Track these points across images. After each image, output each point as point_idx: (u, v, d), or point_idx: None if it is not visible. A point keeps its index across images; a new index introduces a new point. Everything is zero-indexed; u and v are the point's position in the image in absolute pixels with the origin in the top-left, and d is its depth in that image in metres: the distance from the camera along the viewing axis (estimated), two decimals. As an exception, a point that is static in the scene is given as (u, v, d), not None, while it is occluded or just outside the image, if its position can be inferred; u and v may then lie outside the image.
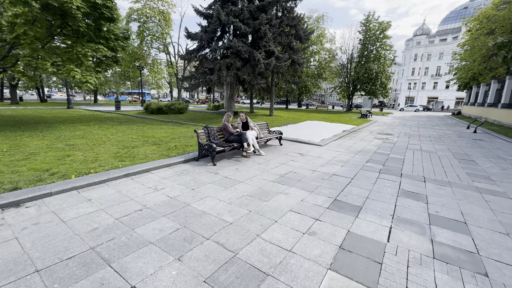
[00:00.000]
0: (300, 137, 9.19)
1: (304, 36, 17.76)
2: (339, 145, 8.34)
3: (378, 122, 18.27)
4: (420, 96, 59.52)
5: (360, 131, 12.68)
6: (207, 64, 13.39)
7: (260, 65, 12.68)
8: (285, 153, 6.84)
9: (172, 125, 11.88)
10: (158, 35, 29.05)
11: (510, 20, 14.44)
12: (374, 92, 29.86)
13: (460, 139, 10.56)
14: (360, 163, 5.99)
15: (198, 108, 29.97)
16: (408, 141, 9.63)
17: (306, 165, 5.68)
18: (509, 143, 9.71)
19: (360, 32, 29.91)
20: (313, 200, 3.72)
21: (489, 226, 3.10)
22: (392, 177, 4.95)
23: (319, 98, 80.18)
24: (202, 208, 3.36)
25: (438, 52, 57.17)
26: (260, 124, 7.89)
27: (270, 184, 4.36)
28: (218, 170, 5.12)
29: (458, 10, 59.67)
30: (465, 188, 4.48)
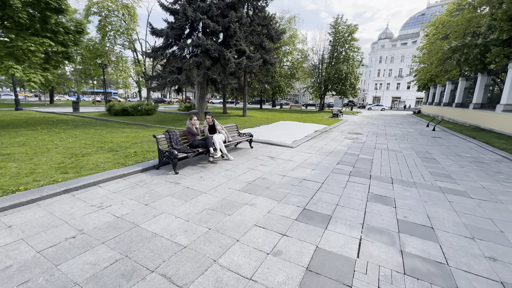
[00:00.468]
0: (272, 139, 8.96)
1: (276, 36, 17.68)
2: (311, 146, 8.25)
3: (349, 122, 18.86)
4: (385, 96, 63.48)
5: (332, 130, 12.87)
6: (175, 63, 12.63)
7: (231, 65, 12.25)
8: (255, 157, 6.53)
9: (137, 128, 10.97)
10: (122, 30, 27.12)
11: (462, 26, 15.75)
12: (344, 92, 30.98)
13: (422, 137, 11.16)
14: (330, 166, 5.88)
15: (169, 109, 28.62)
16: (376, 140, 9.90)
17: (276, 170, 5.42)
18: (464, 140, 10.46)
19: (330, 34, 30.85)
20: (280, 211, 3.44)
21: (455, 230, 3.06)
22: (362, 180, 4.88)
23: (293, 98, 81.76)
24: (153, 228, 2.89)
25: (400, 55, 61.40)
26: (229, 126, 7.49)
27: (236, 194, 4.00)
28: (180, 179, 4.64)
29: (416, 16, 64.63)
30: (429, 188, 4.54)
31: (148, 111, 17.83)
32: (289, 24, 34.99)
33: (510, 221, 3.36)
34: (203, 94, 14.78)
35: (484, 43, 13.25)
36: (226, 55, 12.08)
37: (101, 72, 28.34)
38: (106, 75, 31.30)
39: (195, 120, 5.86)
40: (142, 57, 28.40)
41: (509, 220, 3.37)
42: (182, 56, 13.00)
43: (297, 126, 13.58)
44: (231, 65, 12.26)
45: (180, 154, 5.08)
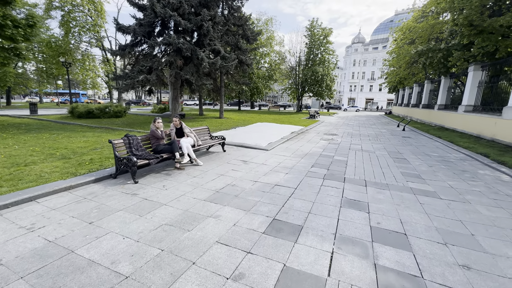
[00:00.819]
0: (246, 142, 8.64)
1: (252, 37, 17.47)
2: (286, 149, 8.05)
3: (325, 123, 19.14)
4: (359, 97, 66.23)
5: (308, 132, 12.87)
6: (144, 62, 11.86)
7: (205, 65, 11.76)
8: (227, 161, 6.16)
9: (100, 132, 10.07)
10: (88, 27, 25.32)
11: (427, 31, 16.70)
12: (321, 93, 31.65)
13: (393, 137, 11.51)
14: (305, 169, 5.69)
15: (142, 111, 27.24)
16: (350, 141, 9.99)
17: (248, 175, 5.09)
18: (431, 140, 10.93)
19: (306, 36, 31.38)
20: (248, 223, 3.11)
21: (427, 236, 2.94)
22: (336, 183, 4.72)
23: (272, 99, 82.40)
24: (91, 254, 2.41)
25: (372, 58, 64.44)
26: (199, 129, 7.04)
27: (200, 205, 3.60)
28: (139, 189, 4.13)
29: (385, 22, 68.33)
30: (401, 190, 4.48)
31: (117, 113, 16.67)
32: (266, 26, 35.12)
33: (479, 222, 3.34)
34: (177, 95, 14.09)
35: (446, 47, 14.09)
36: (199, 54, 11.57)
37: (65, 72, 26.20)
38: (72, 74, 29.03)
39: (159, 122, 5.35)
40: (112, 56, 26.73)
41: (478, 222, 3.35)
42: (153, 55, 12.25)
43: (274, 127, 13.41)
44: (205, 65, 11.77)
45: (141, 160, 4.56)
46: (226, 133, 10.65)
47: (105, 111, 16.09)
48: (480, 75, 12.01)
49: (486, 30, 9.68)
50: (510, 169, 5.99)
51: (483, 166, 6.48)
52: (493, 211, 3.69)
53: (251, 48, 19.36)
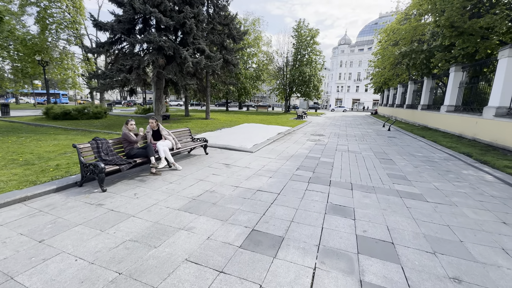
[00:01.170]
0: (231, 143, 8.33)
1: (238, 36, 17.17)
2: (272, 150, 7.81)
3: (312, 123, 19.12)
4: (346, 98, 67.38)
5: (295, 132, 12.71)
6: (124, 61, 11.28)
7: (188, 64, 11.34)
8: (209, 165, 5.83)
9: (75, 135, 9.45)
10: (66, 24, 24.13)
11: (410, 33, 17.04)
12: (309, 94, 31.79)
13: (379, 138, 11.55)
14: (290, 172, 5.45)
15: (126, 112, 26.31)
16: (337, 142, 9.89)
17: (229, 180, 4.79)
18: (415, 140, 11.04)
19: (293, 37, 31.44)
20: (224, 235, 2.81)
21: (415, 244, 2.76)
22: (321, 187, 4.50)
23: (260, 100, 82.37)
24: (33, 282, 2.03)
25: (358, 60, 65.75)
26: (179, 131, 6.67)
27: (173, 215, 3.27)
28: (106, 199, 3.74)
29: (370, 25, 69.99)
30: (387, 193, 4.33)
31: (97, 114, 15.87)
32: (253, 26, 34.91)
33: (467, 227, 3.20)
34: (160, 95, 13.56)
35: (428, 49, 14.38)
36: (182, 53, 11.14)
37: (41, 71, 24.82)
38: (49, 74, 27.59)
39: (132, 125, 4.95)
40: (90, 55, 25.54)
41: (466, 226, 3.22)
42: (133, 53, 11.69)
43: (260, 128, 13.17)
44: (188, 65, 11.35)
45: (110, 166, 4.16)
46: (211, 135, 10.29)
47: (83, 112, 15.28)
48: (461, 76, 12.30)
49: (466, 31, 9.89)
50: (492, 169, 6.03)
51: (467, 166, 6.50)
52: (480, 214, 3.59)
53: (238, 48, 19.07)
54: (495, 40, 9.72)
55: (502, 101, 8.68)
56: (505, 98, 8.62)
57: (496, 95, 8.89)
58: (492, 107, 8.97)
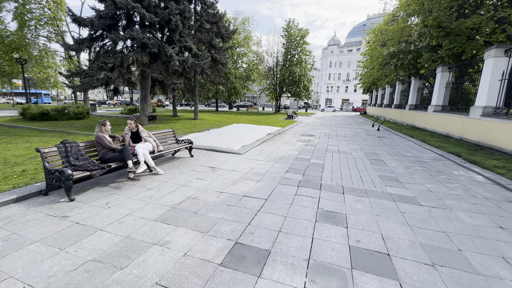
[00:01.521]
0: (218, 145, 7.99)
1: (227, 35, 16.81)
2: (261, 152, 7.53)
3: (303, 123, 19.01)
4: (336, 98, 68.14)
5: (285, 133, 12.50)
6: (106, 59, 10.71)
7: (174, 62, 10.89)
8: (193, 168, 5.48)
9: (51, 137, 8.84)
10: (46, 20, 23.01)
11: (397, 33, 17.22)
12: (299, 94, 31.77)
13: (369, 138, 11.50)
14: (278, 175, 5.19)
15: (111, 112, 25.39)
16: (327, 142, 9.74)
17: (214, 185, 4.47)
18: (404, 139, 11.06)
19: (283, 36, 31.34)
20: (203, 251, 2.50)
21: (412, 255, 2.54)
22: (311, 192, 4.26)
23: (251, 100, 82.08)
24: (-39, 321, 1.66)
25: (347, 60, 66.63)
26: (162, 133, 6.27)
27: (148, 227, 2.93)
28: (73, 209, 3.34)
29: (358, 26, 71.10)
30: (380, 196, 4.13)
31: (78, 114, 15.11)
32: (243, 26, 34.58)
33: (464, 233, 3.03)
34: (145, 95, 13.02)
35: (416, 49, 14.53)
36: (168, 51, 10.68)
37: (19, 69, 23.55)
38: (28, 72, 26.24)
39: (106, 126, 4.54)
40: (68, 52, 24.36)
41: (463, 233, 3.04)
42: (116, 50, 11.13)
43: (250, 129, 12.87)
44: (174, 63, 10.91)
45: (79, 173, 3.75)
46: (198, 136, 9.91)
47: (63, 112, 14.51)
48: (448, 76, 12.46)
49: (453, 32, 9.97)
50: (482, 169, 5.98)
51: (457, 166, 6.45)
52: (476, 218, 3.43)
53: (227, 47, 18.69)
54: (480, 40, 9.85)
55: (488, 101, 8.76)
56: (491, 98, 8.71)
57: (482, 95, 8.98)
58: (479, 106, 9.05)
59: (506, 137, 7.61)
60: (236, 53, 33.46)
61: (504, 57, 8.36)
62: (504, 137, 7.68)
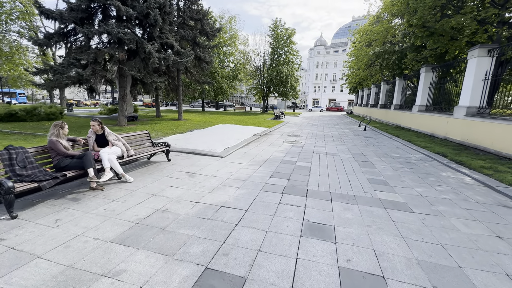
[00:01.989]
0: (200, 147, 7.49)
1: (211, 32, 16.26)
2: (245, 154, 7.11)
3: (290, 123, 18.77)
4: (323, 98, 68.90)
5: (271, 133, 12.15)
6: (77, 54, 9.90)
7: (153, 59, 10.25)
8: (169, 174, 4.98)
9: (15, 139, 8.01)
10: (18, 14, 21.48)
11: (382, 34, 17.35)
12: (286, 94, 31.63)
13: (356, 138, 11.36)
14: (262, 180, 4.79)
15: (89, 112, 24.10)
16: (315, 143, 9.47)
17: (190, 193, 4.00)
18: (390, 139, 11.00)
19: (270, 36, 31.08)
20: (163, 282, 2.04)
21: (410, 277, 2.21)
22: (297, 199, 3.89)
23: (239, 100, 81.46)
24: None
25: (333, 61, 67.54)
26: (135, 135, 5.71)
27: (100, 251, 2.43)
28: (12, 230, 2.78)
29: (344, 28, 72.29)
30: (370, 203, 3.83)
31: (50, 115, 14.06)
32: (229, 24, 34.06)
33: (462, 245, 2.75)
34: (124, 94, 12.25)
35: (400, 50, 14.63)
36: (146, 47, 10.03)
37: (-13, 66, 21.83)
38: (-1, 70, 24.39)
39: (61, 130, 3.95)
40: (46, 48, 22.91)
41: (460, 245, 2.76)
42: (89, 46, 10.32)
43: (235, 130, 12.42)
44: (154, 60, 10.26)
45: (24, 184, 3.18)
46: (180, 137, 9.35)
47: (33, 112, 13.44)
48: (431, 76, 12.57)
49: (437, 31, 10.01)
50: (469, 169, 5.87)
51: (444, 167, 6.32)
52: (471, 227, 3.18)
53: (212, 45, 18.12)
54: (463, 41, 9.93)
55: (472, 101, 8.80)
56: (475, 97, 8.75)
57: (466, 95, 9.01)
58: (463, 106, 9.09)
59: (490, 137, 7.62)
60: (222, 52, 32.87)
61: (487, 57, 8.41)
62: (489, 137, 7.69)
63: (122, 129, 11.14)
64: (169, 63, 11.31)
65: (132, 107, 16.80)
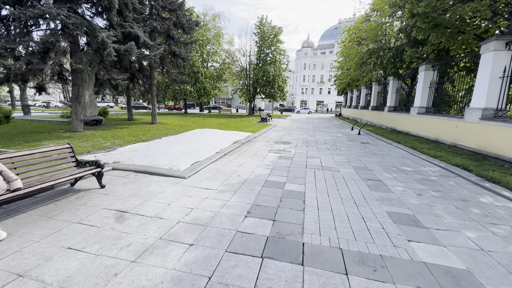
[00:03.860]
0: (159, 162, 5.65)
1: (188, 25, 14.40)
2: (217, 172, 5.36)
3: (277, 126, 17.19)
4: (311, 100, 68.30)
5: (256, 140, 10.45)
6: (8, 43, 7.78)
7: (109, 50, 8.29)
8: (82, 218, 3.12)
9: None
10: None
11: (373, 31, 16.20)
12: (273, 95, 30.10)
13: (352, 144, 9.90)
14: (232, 225, 3.06)
15: (49, 115, 21.33)
16: (307, 153, 7.86)
17: (92, 268, 2.20)
18: (391, 146, 9.61)
19: (256, 34, 29.51)
20: None
21: None
22: (287, 274, 2.18)
23: (226, 101, 79.39)
24: None
25: (320, 63, 67.17)
26: (43, 152, 3.78)
27: None
28: None
29: (331, 29, 72.35)
30: (413, 276, 2.20)
31: (-10, 119, 11.66)
32: (213, 22, 32.22)
33: None
34: (78, 93, 10.14)
35: (396, 46, 13.43)
36: (99, 35, 8.07)
37: None
38: None
39: None
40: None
41: None
42: (23, 32, 8.20)
43: (214, 135, 10.63)
44: (109, 51, 8.30)
45: None
46: (140, 148, 7.45)
47: (-34, 116, 11.02)
48: (432, 75, 11.36)
49: (442, 23, 8.75)
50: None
51: (477, 188, 4.86)
52: None
53: (190, 41, 16.20)
54: (471, 34, 8.72)
55: (488, 102, 7.51)
56: (491, 98, 7.47)
57: (481, 95, 7.73)
58: (477, 108, 7.80)
59: (517, 145, 6.30)
60: (206, 51, 30.95)
61: (506, 50, 7.16)
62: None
63: (72, 136, 9.08)
64: (131, 56, 9.37)
65: (97, 109, 14.60)
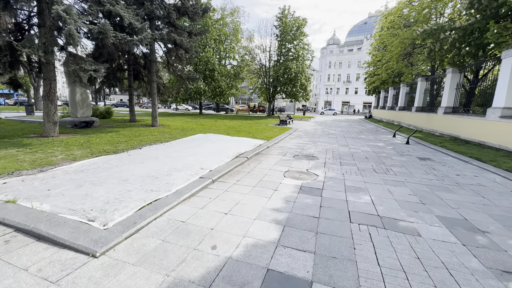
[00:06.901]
0: (79, 204, 3.18)
1: (192, 9, 12.08)
2: (174, 232, 2.73)
3: (298, 131, 14.29)
4: (336, 100, 63.70)
5: (268, 152, 7.72)
6: None
7: (68, 29, 6.13)
8: None
9: None
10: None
11: (428, 11, 12.65)
12: (295, 94, 27.05)
13: (407, 162, 6.77)
14: None
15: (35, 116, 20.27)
16: (343, 179, 4.99)
17: None
18: (471, 166, 6.33)
19: (276, 27, 26.69)
20: None
21: None
22: None
23: (247, 102, 77.29)
24: None
25: (347, 61, 62.35)
26: None
27: None
28: None
29: (359, 25, 67.15)
30: None
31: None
32: (231, 16, 30.06)
33: None
34: (49, 90, 8.23)
35: (463, 26, 9.89)
36: (53, 9, 5.92)
37: None
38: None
39: None
40: None
41: None
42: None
43: (213, 145, 8.09)
44: (69, 30, 6.12)
45: None
46: (98, 164, 5.12)
47: None
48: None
49: None
50: None
51: None
52: None
53: (198, 31, 13.86)
54: None
55: None
56: None
57: None
58: None
59: None
60: (222, 48, 28.84)
61: None
62: None
63: (32, 144, 7.07)
64: (107, 41, 7.14)
65: (90, 109, 12.85)
